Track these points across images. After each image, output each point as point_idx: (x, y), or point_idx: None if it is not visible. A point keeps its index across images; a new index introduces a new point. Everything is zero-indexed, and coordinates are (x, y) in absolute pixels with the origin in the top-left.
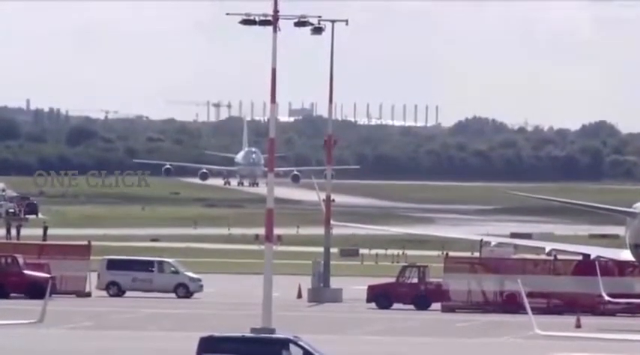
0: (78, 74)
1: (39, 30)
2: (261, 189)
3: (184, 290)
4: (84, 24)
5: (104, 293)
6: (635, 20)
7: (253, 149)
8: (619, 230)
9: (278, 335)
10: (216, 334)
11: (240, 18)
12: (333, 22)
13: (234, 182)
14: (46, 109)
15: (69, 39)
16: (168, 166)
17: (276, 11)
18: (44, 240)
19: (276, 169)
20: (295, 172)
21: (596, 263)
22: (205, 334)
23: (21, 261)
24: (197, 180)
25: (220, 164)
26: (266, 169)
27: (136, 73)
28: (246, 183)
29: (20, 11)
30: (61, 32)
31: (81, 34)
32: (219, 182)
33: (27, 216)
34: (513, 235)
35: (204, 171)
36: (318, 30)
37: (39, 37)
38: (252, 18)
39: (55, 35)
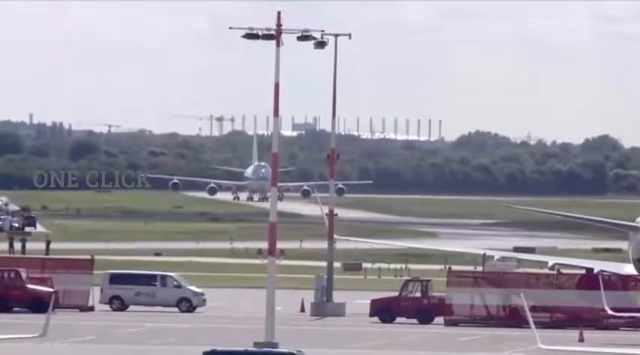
0: (81, 88)
1: (42, 44)
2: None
3: (187, 305)
4: (87, 38)
5: (107, 307)
6: (638, 34)
7: (262, 163)
8: (622, 244)
9: (281, 349)
10: (219, 348)
11: (243, 32)
12: (336, 36)
13: (243, 197)
14: (49, 123)
15: (72, 53)
16: (175, 181)
17: (279, 25)
18: (47, 254)
19: (286, 184)
20: (305, 187)
21: (600, 277)
22: (208, 348)
23: (24, 275)
24: (205, 195)
25: (224, 178)
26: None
27: (138, 86)
28: (255, 197)
29: (23, 25)
30: (64, 46)
31: (84, 48)
32: (227, 197)
33: (28, 230)
34: (516, 249)
35: (213, 185)
36: (321, 44)
37: (42, 51)
38: (255, 32)
39: (58, 49)
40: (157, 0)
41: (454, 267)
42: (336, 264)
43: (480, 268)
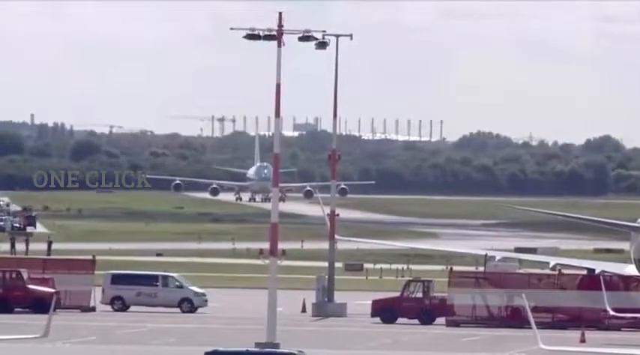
0: (81, 88)
1: (42, 44)
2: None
3: (189, 305)
4: (88, 39)
5: (108, 307)
6: (638, 34)
7: (265, 164)
8: (623, 244)
9: (282, 349)
10: (221, 349)
11: (244, 32)
12: (337, 36)
13: (245, 197)
14: (51, 124)
15: (72, 53)
16: (178, 182)
17: (280, 26)
18: (49, 254)
19: (289, 185)
20: (308, 188)
21: (601, 277)
22: (210, 349)
23: (25, 275)
24: (206, 196)
25: (226, 179)
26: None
27: (140, 87)
28: (258, 198)
29: (25, 27)
30: (65, 47)
31: (85, 49)
32: (229, 197)
33: (30, 231)
34: (518, 250)
35: (215, 186)
36: (322, 44)
37: (42, 51)
38: (256, 33)
39: (58, 49)
40: (157, 0)
41: (456, 268)
42: (338, 265)
43: (481, 269)
